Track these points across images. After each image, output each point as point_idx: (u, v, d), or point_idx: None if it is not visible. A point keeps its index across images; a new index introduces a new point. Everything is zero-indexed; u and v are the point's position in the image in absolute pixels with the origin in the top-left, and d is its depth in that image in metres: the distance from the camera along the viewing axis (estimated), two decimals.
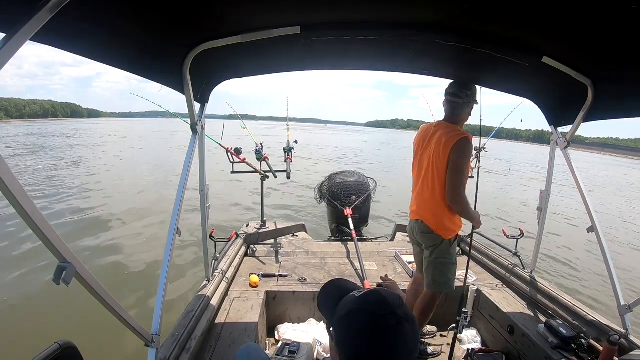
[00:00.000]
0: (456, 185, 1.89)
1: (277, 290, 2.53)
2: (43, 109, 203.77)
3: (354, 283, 0.85)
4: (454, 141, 1.86)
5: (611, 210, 11.25)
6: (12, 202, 0.75)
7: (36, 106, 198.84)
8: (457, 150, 1.86)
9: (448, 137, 1.89)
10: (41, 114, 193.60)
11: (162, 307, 1.47)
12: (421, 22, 1.41)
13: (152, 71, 1.51)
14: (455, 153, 1.86)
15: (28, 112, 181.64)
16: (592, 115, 1.86)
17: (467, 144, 1.88)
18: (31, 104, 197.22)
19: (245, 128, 3.85)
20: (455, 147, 1.85)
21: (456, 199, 1.91)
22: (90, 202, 8.41)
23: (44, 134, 37.01)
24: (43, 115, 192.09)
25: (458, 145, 1.85)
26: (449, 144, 1.87)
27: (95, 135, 37.87)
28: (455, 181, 1.89)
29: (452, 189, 1.90)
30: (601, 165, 40.79)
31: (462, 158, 1.88)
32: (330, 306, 0.74)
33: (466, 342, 2.34)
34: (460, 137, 1.86)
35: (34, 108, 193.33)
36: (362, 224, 3.93)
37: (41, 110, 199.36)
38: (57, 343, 0.86)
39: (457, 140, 1.86)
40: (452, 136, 1.88)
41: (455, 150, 1.86)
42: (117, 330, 2.85)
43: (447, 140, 1.88)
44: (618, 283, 1.88)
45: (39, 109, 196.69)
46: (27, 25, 0.70)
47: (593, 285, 5.21)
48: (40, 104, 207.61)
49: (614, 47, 1.34)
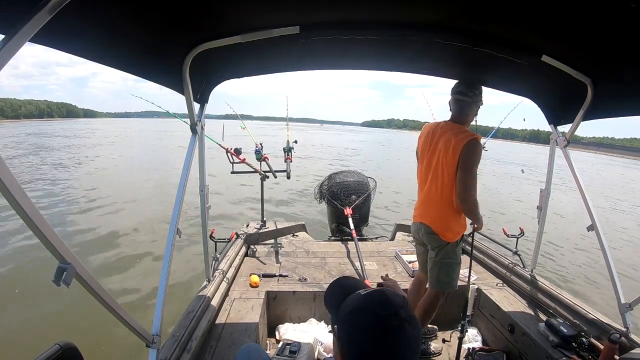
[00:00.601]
0: (468, 185, 1.89)
1: (278, 290, 2.52)
2: (39, 109, 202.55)
3: (361, 281, 0.85)
4: (464, 142, 1.86)
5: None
6: (11, 203, 0.75)
7: (32, 106, 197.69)
8: (467, 151, 1.86)
9: (458, 139, 1.88)
10: (37, 114, 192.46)
11: (162, 307, 1.47)
12: (421, 21, 1.41)
13: (151, 71, 1.50)
14: (466, 154, 1.86)
15: (24, 112, 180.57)
16: (591, 114, 1.86)
17: (477, 144, 1.88)
18: (27, 104, 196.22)
19: (245, 128, 3.85)
20: (465, 148, 1.86)
21: (467, 197, 1.90)
22: (89, 202, 8.42)
23: (39, 133, 37.02)
24: (39, 116, 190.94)
25: (468, 146, 1.86)
26: (459, 145, 1.87)
27: (97, 135, 37.89)
28: (467, 180, 1.89)
29: (464, 188, 1.90)
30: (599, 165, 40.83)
31: (473, 159, 1.88)
32: (335, 303, 0.75)
33: (467, 342, 2.34)
34: (470, 138, 1.87)
35: (30, 108, 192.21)
36: (362, 223, 3.92)
37: (37, 110, 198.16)
38: (58, 344, 0.86)
39: (467, 141, 1.86)
40: (462, 137, 1.88)
41: (465, 151, 1.86)
42: (117, 331, 2.88)
43: (457, 142, 1.88)
44: (618, 281, 1.88)
45: (34, 109, 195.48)
46: (26, 25, 0.69)
47: (593, 283, 5.22)
48: (36, 104, 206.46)
49: (614, 46, 1.33)
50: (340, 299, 0.74)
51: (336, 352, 0.72)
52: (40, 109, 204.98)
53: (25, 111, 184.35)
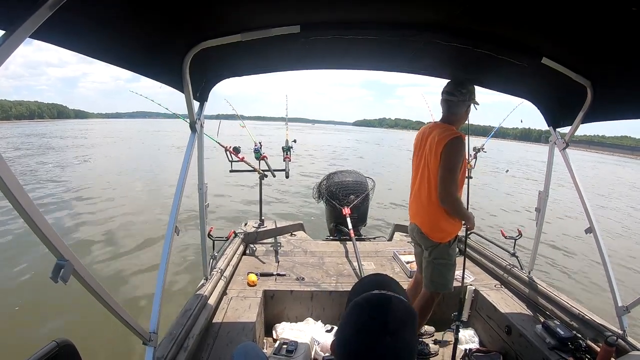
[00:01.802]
0: (446, 183, 1.87)
1: (275, 289, 2.52)
2: (29, 110, 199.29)
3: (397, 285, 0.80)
4: (446, 140, 1.86)
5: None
6: (10, 200, 0.75)
7: (22, 107, 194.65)
8: (447, 149, 1.85)
9: (440, 137, 1.89)
10: (27, 115, 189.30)
11: (159, 305, 1.47)
12: (421, 22, 1.41)
13: (151, 69, 1.50)
14: (445, 151, 1.86)
15: (14, 114, 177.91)
16: (591, 117, 1.86)
17: (458, 142, 1.87)
18: (17, 105, 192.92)
19: (245, 127, 3.84)
20: (446, 146, 1.85)
21: (447, 198, 1.88)
22: (88, 200, 8.40)
23: (34, 134, 36.83)
24: (29, 117, 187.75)
25: (449, 144, 1.85)
26: (441, 144, 1.87)
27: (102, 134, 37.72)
28: (445, 178, 1.87)
29: (442, 188, 1.88)
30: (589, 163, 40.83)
31: (452, 156, 1.86)
32: (355, 294, 0.77)
33: (464, 342, 2.34)
34: (452, 137, 1.86)
35: (20, 109, 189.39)
36: (361, 223, 3.93)
37: (27, 111, 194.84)
38: (55, 341, 0.85)
39: (448, 139, 1.86)
40: (445, 136, 1.88)
41: (446, 149, 1.85)
42: (115, 328, 2.86)
43: (440, 140, 1.88)
44: (616, 284, 1.88)
45: (25, 110, 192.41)
46: (27, 21, 0.69)
47: (590, 286, 5.23)
48: (26, 105, 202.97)
49: (614, 49, 1.34)
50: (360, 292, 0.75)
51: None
52: (31, 110, 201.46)
53: (15, 112, 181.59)
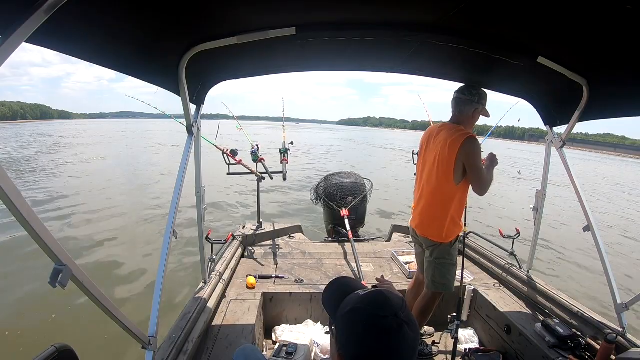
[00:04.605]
0: (482, 183, 1.93)
1: (274, 292, 2.52)
2: (12, 110, 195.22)
3: (359, 282, 0.85)
4: (460, 142, 1.86)
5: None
6: (7, 205, 0.74)
7: (5, 108, 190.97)
8: (467, 149, 1.87)
9: (453, 138, 1.89)
10: (10, 116, 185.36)
11: (158, 309, 1.46)
12: (417, 22, 1.42)
13: (147, 73, 1.49)
14: (465, 152, 1.87)
15: None
16: (587, 115, 1.87)
17: (474, 142, 1.89)
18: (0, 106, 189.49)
19: (242, 129, 3.84)
20: (463, 148, 1.86)
21: (484, 191, 1.95)
22: (87, 201, 8.37)
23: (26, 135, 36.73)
24: (12, 118, 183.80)
25: (466, 143, 1.86)
26: (455, 145, 1.87)
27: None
28: (479, 178, 1.92)
29: (479, 187, 1.94)
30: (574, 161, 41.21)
31: (475, 157, 1.91)
32: (333, 304, 0.75)
33: (463, 342, 2.34)
34: (466, 137, 1.87)
35: (3, 110, 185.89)
36: (359, 224, 3.93)
37: (10, 112, 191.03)
38: (54, 346, 0.84)
39: (463, 140, 1.86)
40: (457, 136, 1.88)
41: (464, 149, 1.86)
42: (114, 332, 2.86)
43: (453, 141, 1.88)
44: (614, 281, 1.89)
45: (7, 111, 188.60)
46: (22, 26, 0.68)
47: (589, 283, 5.25)
48: (9, 106, 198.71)
49: (610, 47, 1.35)
50: (339, 299, 0.74)
51: (333, 352, 0.72)
52: (14, 111, 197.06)
53: None
